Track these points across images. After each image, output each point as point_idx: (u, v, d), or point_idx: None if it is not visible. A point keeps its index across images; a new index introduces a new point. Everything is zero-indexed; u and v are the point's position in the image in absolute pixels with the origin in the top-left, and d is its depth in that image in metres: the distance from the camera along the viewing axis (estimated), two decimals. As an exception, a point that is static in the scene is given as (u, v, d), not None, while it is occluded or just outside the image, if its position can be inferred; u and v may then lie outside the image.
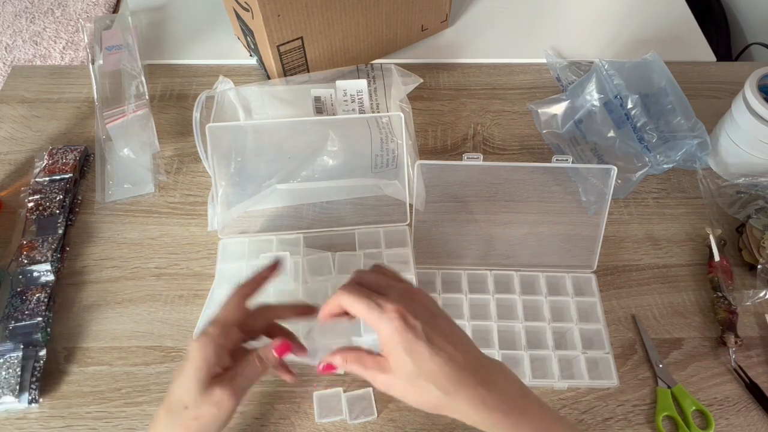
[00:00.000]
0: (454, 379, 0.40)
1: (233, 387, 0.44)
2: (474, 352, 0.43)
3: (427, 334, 0.40)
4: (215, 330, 0.46)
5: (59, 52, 1.24)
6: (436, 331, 0.41)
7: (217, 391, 0.43)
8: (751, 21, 1.03)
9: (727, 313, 0.63)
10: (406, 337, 0.40)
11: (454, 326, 0.44)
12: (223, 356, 0.45)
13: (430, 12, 0.85)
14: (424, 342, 0.40)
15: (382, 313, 0.41)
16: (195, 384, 0.43)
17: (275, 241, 0.66)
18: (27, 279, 0.64)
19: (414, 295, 0.44)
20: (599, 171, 0.67)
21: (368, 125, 0.69)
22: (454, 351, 0.40)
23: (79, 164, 0.73)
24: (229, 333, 0.46)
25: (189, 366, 0.44)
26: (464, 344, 0.42)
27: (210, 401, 0.43)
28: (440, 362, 0.40)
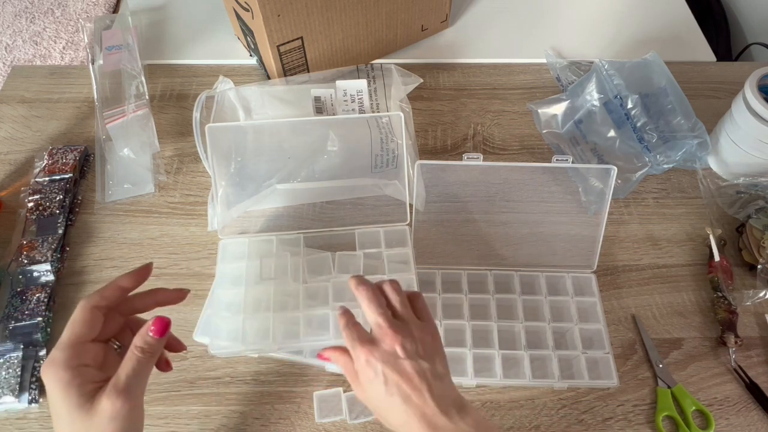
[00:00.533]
0: (402, 419, 0.44)
1: (120, 390, 0.40)
2: (437, 393, 0.44)
3: (386, 376, 0.44)
4: (62, 353, 0.41)
5: (59, 52, 1.24)
6: (397, 374, 0.44)
7: (104, 402, 0.39)
8: (751, 21, 1.03)
9: (727, 313, 0.63)
10: (366, 376, 0.46)
11: (424, 367, 0.45)
12: (88, 373, 0.41)
13: (430, 12, 0.85)
14: (381, 382, 0.44)
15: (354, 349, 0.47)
16: (75, 412, 0.39)
17: (275, 241, 0.66)
18: (27, 279, 0.64)
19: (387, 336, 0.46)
20: (599, 171, 0.67)
21: (368, 125, 0.69)
22: (410, 392, 0.44)
23: (79, 164, 0.73)
24: (83, 351, 0.42)
25: (55, 400, 0.40)
26: (427, 387, 0.44)
27: (102, 417, 0.39)
28: (392, 401, 0.44)
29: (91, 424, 0.40)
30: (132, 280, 0.46)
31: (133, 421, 0.42)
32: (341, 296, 0.62)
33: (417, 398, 0.43)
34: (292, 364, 0.61)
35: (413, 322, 0.48)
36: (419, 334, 0.47)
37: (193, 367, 0.61)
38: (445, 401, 0.44)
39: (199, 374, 0.60)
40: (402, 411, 0.44)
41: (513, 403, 0.59)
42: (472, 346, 0.60)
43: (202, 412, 0.58)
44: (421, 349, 0.46)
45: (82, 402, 0.40)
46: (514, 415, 0.59)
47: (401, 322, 0.47)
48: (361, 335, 0.47)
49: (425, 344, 0.46)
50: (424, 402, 0.43)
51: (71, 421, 0.40)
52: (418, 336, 0.46)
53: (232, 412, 0.58)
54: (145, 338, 0.43)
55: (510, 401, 0.59)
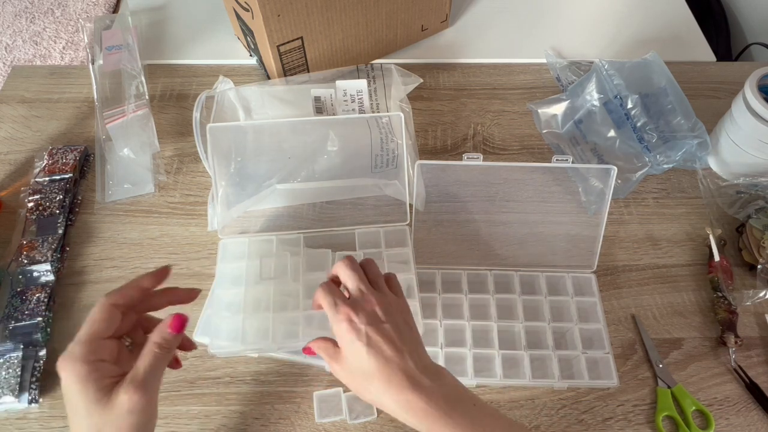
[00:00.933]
0: (384, 379, 0.44)
1: (137, 384, 0.41)
2: (415, 358, 0.46)
3: (369, 336, 0.45)
4: (80, 348, 0.42)
5: (59, 52, 1.24)
6: (379, 334, 0.45)
7: (122, 396, 0.40)
8: (751, 21, 1.03)
9: (727, 313, 0.63)
10: (349, 337, 0.46)
11: (404, 333, 0.47)
12: (105, 368, 0.42)
13: (430, 12, 0.85)
14: (363, 343, 0.45)
15: (335, 312, 0.47)
16: (93, 405, 0.40)
17: (275, 240, 0.66)
18: (27, 279, 0.64)
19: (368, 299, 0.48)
20: (599, 171, 0.67)
21: (368, 125, 0.69)
22: (392, 354, 0.45)
23: (79, 164, 0.73)
24: (100, 346, 0.43)
25: (72, 393, 0.41)
26: (405, 351, 0.45)
27: (120, 411, 0.40)
28: (374, 363, 0.45)
29: (109, 417, 0.40)
30: (152, 280, 0.48)
31: (149, 415, 0.43)
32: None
33: (399, 359, 0.45)
34: (292, 364, 0.61)
35: (390, 294, 0.50)
36: (396, 303, 0.49)
37: (193, 367, 0.61)
38: (424, 365, 0.46)
39: (199, 374, 0.60)
40: (385, 372, 0.44)
41: (513, 403, 0.59)
42: (472, 346, 0.60)
43: (202, 412, 0.58)
44: (398, 316, 0.48)
45: (99, 396, 0.41)
46: (514, 415, 0.59)
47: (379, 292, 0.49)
48: (343, 298, 0.48)
49: (401, 312, 0.49)
50: (406, 363, 0.45)
51: (88, 415, 0.40)
52: (394, 304, 0.49)
53: (232, 412, 0.58)
54: (163, 334, 0.44)
55: (510, 401, 0.59)
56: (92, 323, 0.43)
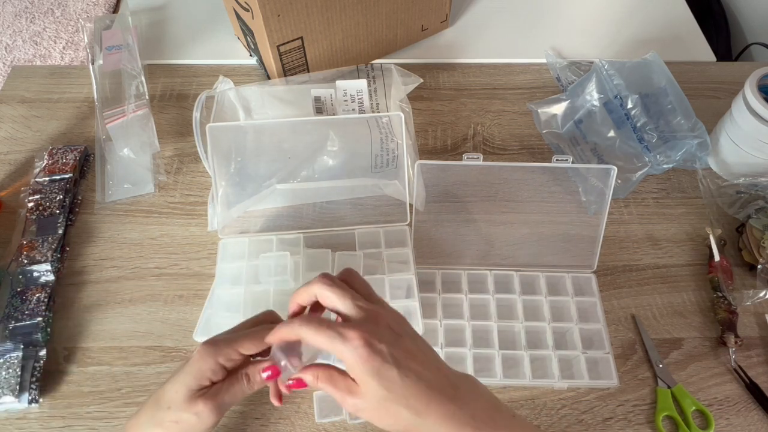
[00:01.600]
0: (424, 399, 0.39)
1: (216, 402, 0.45)
2: (442, 368, 0.42)
3: (395, 356, 0.39)
4: (225, 347, 0.45)
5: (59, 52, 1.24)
6: (403, 352, 0.40)
7: (200, 404, 0.44)
8: (751, 21, 1.03)
9: (727, 313, 0.63)
10: (372, 364, 0.39)
11: (420, 343, 0.43)
12: (218, 372, 0.45)
13: (430, 12, 0.85)
14: (391, 365, 0.39)
15: (344, 342, 0.39)
16: (184, 390, 0.44)
17: (275, 241, 0.66)
18: (27, 279, 0.64)
19: (377, 315, 0.42)
20: (599, 171, 0.67)
21: (368, 125, 0.69)
22: (422, 370, 0.40)
23: (79, 164, 0.73)
24: (234, 355, 0.45)
25: (186, 369, 0.45)
26: (432, 362, 0.42)
27: (192, 410, 0.44)
28: (410, 384, 0.39)
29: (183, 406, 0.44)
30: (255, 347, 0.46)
31: (206, 426, 0.45)
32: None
33: (430, 374, 0.40)
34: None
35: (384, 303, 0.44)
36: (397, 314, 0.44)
37: (193, 367, 0.61)
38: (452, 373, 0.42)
39: (199, 374, 0.60)
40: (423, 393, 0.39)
41: (513, 403, 0.59)
42: (472, 346, 0.60)
43: (202, 412, 0.58)
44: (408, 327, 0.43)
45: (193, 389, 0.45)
46: (514, 415, 0.59)
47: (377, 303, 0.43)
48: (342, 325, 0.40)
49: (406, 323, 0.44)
50: (437, 376, 0.41)
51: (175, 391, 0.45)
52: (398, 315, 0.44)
53: (232, 412, 0.58)
54: (255, 375, 0.46)
55: (510, 401, 0.59)
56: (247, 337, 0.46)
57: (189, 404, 0.44)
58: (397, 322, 0.43)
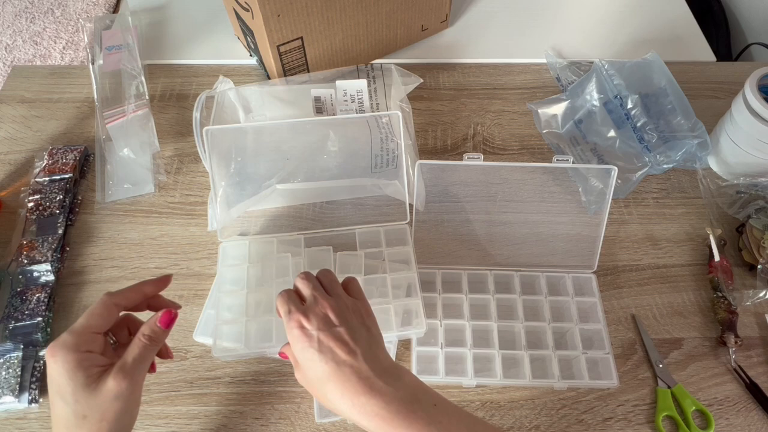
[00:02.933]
0: (339, 384, 0.43)
1: (126, 371, 0.43)
2: (371, 360, 0.45)
3: (320, 341, 0.44)
4: (74, 338, 0.44)
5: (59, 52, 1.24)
6: (332, 338, 0.45)
7: (110, 382, 0.43)
8: (751, 21, 1.03)
9: (727, 313, 0.63)
10: (301, 344, 0.45)
11: (359, 335, 0.46)
12: (94, 358, 0.44)
13: (430, 12, 0.85)
14: (315, 349, 0.44)
15: (288, 320, 0.46)
16: (80, 391, 0.42)
17: (276, 242, 0.66)
18: (27, 279, 0.64)
19: (323, 304, 0.47)
20: (599, 171, 0.67)
21: (368, 125, 0.69)
22: (345, 356, 0.44)
23: (79, 164, 0.73)
24: (92, 339, 0.45)
25: (60, 380, 0.42)
26: (362, 353, 0.45)
27: (107, 396, 0.42)
28: (328, 368, 0.44)
29: (95, 402, 0.42)
30: (154, 287, 0.50)
31: (133, 403, 0.45)
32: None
33: (353, 362, 0.44)
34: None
35: (346, 297, 0.49)
36: (353, 306, 0.48)
37: (193, 367, 0.61)
38: (381, 366, 0.45)
39: (199, 374, 0.60)
40: (339, 376, 0.43)
41: (513, 403, 0.59)
42: (472, 346, 0.60)
43: (202, 412, 0.58)
44: (354, 318, 0.47)
45: (88, 382, 0.43)
46: (514, 415, 0.59)
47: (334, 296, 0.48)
48: (297, 304, 0.47)
49: (358, 314, 0.48)
50: (360, 365, 0.44)
51: (75, 401, 0.42)
52: (351, 307, 0.48)
53: (232, 412, 0.58)
54: (152, 327, 0.46)
55: (510, 401, 0.59)
56: (90, 317, 0.46)
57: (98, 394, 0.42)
58: (341, 312, 0.47)
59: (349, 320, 0.47)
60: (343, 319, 0.46)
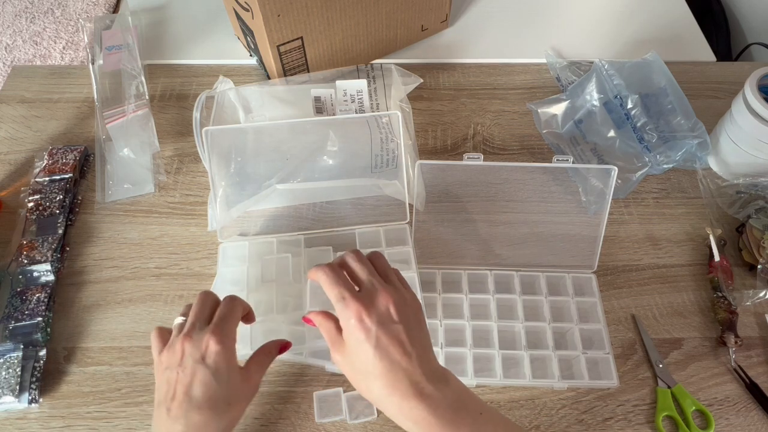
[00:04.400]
0: (389, 384, 0.43)
1: (261, 365, 0.49)
2: (423, 363, 0.44)
3: (378, 337, 0.43)
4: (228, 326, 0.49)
5: (59, 52, 1.24)
6: (388, 335, 0.43)
7: (253, 371, 0.48)
8: (751, 21, 1.03)
9: (727, 313, 0.63)
10: (357, 336, 0.44)
11: (416, 333, 0.45)
12: None
13: (430, 12, 0.85)
14: (371, 345, 0.43)
15: (344, 307, 0.44)
16: (236, 374, 0.46)
17: (275, 243, 0.66)
18: (27, 279, 0.64)
19: (381, 294, 0.45)
20: (599, 171, 0.67)
21: (368, 125, 0.69)
22: (400, 358, 0.43)
23: (79, 164, 0.73)
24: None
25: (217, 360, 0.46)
26: (416, 353, 0.44)
27: (250, 384, 0.47)
28: (381, 366, 0.43)
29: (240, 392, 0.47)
30: None
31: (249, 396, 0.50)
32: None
33: (407, 364, 0.43)
34: (292, 364, 0.61)
35: (404, 290, 0.47)
36: (410, 300, 0.47)
37: (193, 367, 0.61)
38: (431, 370, 0.44)
39: (199, 374, 0.60)
40: (390, 377, 0.43)
41: (513, 403, 0.59)
42: (472, 346, 0.60)
43: (202, 412, 0.58)
44: (412, 315, 0.46)
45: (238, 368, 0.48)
46: (514, 415, 0.59)
47: (391, 286, 0.47)
48: (352, 291, 0.45)
49: (415, 311, 0.47)
50: (414, 369, 0.43)
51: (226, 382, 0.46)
52: (409, 302, 0.46)
53: (232, 412, 0.58)
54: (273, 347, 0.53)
55: (510, 401, 0.59)
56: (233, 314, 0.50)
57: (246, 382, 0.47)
58: (401, 307, 0.45)
59: (408, 316, 0.45)
60: (403, 316, 0.44)
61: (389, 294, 0.45)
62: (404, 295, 0.47)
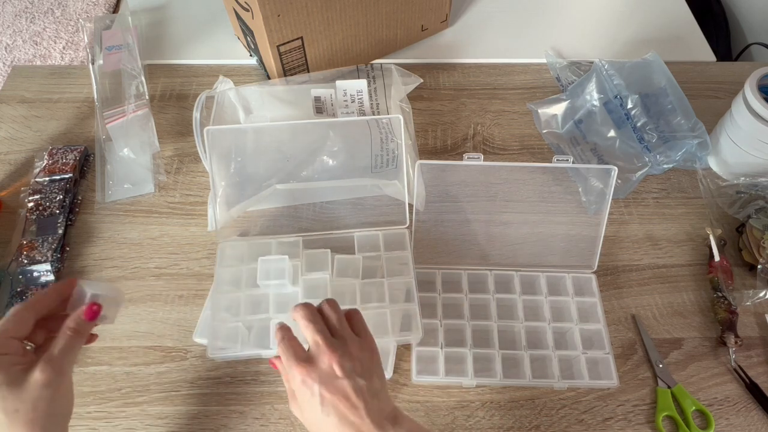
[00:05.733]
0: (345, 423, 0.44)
1: (52, 362, 0.43)
2: (372, 412, 0.44)
3: (323, 396, 0.45)
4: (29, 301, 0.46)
5: (59, 52, 1.24)
6: (334, 393, 0.45)
7: (37, 374, 0.43)
8: (751, 21, 1.03)
9: (727, 313, 0.63)
10: (303, 392, 0.46)
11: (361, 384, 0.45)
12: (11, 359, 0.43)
13: (430, 12, 0.85)
14: (317, 402, 0.45)
15: (289, 369, 0.47)
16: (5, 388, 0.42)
17: (274, 244, 0.66)
18: (27, 279, 0.64)
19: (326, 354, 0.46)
20: (599, 171, 0.67)
21: (368, 125, 0.69)
22: (347, 412, 0.44)
23: (79, 164, 0.73)
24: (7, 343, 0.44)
25: None
26: (364, 404, 0.44)
27: (35, 387, 0.42)
28: (329, 422, 0.44)
29: (24, 395, 0.42)
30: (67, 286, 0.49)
31: (65, 392, 0.45)
32: (341, 299, 0.62)
33: (354, 417, 0.44)
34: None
35: (351, 339, 0.48)
36: (357, 351, 0.47)
37: (193, 367, 0.61)
38: (380, 416, 0.45)
39: (199, 374, 0.60)
40: (339, 430, 0.44)
41: (513, 403, 0.59)
42: (472, 346, 0.60)
43: (202, 412, 0.58)
44: (358, 366, 0.46)
45: (11, 379, 0.42)
46: (514, 415, 0.59)
47: (339, 340, 0.47)
48: (298, 353, 0.47)
49: (363, 361, 0.47)
50: (361, 420, 0.44)
51: (3, 398, 0.42)
52: (356, 353, 0.47)
53: (232, 412, 0.58)
54: (77, 320, 0.46)
55: (510, 401, 0.59)
56: (5, 323, 0.45)
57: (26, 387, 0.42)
58: (343, 364, 0.46)
59: (355, 369, 0.46)
60: (347, 371, 0.45)
61: (333, 352, 0.46)
62: (350, 348, 0.47)
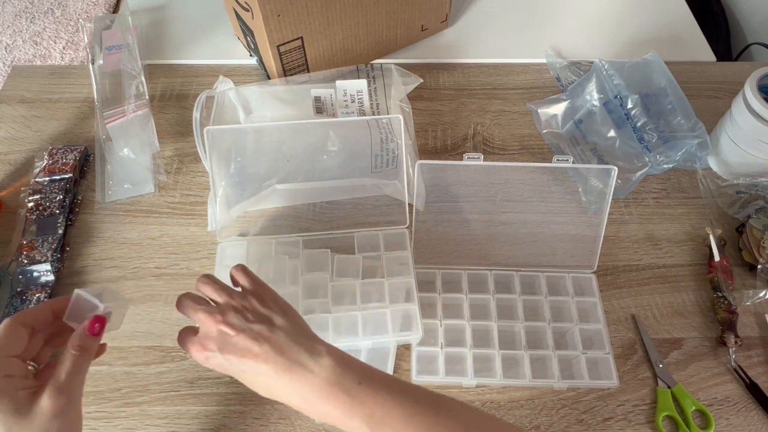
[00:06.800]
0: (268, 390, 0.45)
1: (61, 387, 0.40)
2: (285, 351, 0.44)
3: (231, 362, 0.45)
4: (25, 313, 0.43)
5: (59, 52, 1.24)
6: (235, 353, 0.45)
7: (45, 401, 0.39)
8: (751, 21, 1.03)
9: (727, 313, 0.63)
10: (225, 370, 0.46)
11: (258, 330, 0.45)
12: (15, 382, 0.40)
13: (430, 12, 0.85)
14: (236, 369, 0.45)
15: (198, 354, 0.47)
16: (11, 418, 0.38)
17: (274, 243, 0.66)
18: (27, 279, 0.64)
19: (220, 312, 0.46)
20: (599, 171, 0.67)
21: (368, 125, 0.69)
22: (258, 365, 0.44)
23: (79, 164, 0.73)
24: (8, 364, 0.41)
25: None
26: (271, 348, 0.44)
27: (43, 417, 0.39)
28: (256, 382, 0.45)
29: (32, 425, 0.39)
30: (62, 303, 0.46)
31: (74, 420, 0.42)
32: (341, 299, 0.62)
33: (266, 362, 0.44)
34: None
35: (232, 296, 0.48)
36: (239, 302, 0.47)
37: (193, 367, 0.61)
38: (294, 352, 0.44)
39: (199, 374, 0.60)
40: (264, 382, 0.44)
41: (513, 403, 0.59)
42: (472, 346, 0.60)
43: (202, 412, 0.58)
44: (249, 315, 0.46)
45: (18, 407, 0.39)
46: (514, 415, 0.59)
47: (217, 305, 0.47)
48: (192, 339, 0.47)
49: (253, 307, 0.47)
50: (276, 362, 0.44)
51: (8, 429, 0.38)
52: (239, 304, 0.47)
53: (232, 412, 0.58)
54: (82, 337, 0.43)
55: (510, 401, 0.59)
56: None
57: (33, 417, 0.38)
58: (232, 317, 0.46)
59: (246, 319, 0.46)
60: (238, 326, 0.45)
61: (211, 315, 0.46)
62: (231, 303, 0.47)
